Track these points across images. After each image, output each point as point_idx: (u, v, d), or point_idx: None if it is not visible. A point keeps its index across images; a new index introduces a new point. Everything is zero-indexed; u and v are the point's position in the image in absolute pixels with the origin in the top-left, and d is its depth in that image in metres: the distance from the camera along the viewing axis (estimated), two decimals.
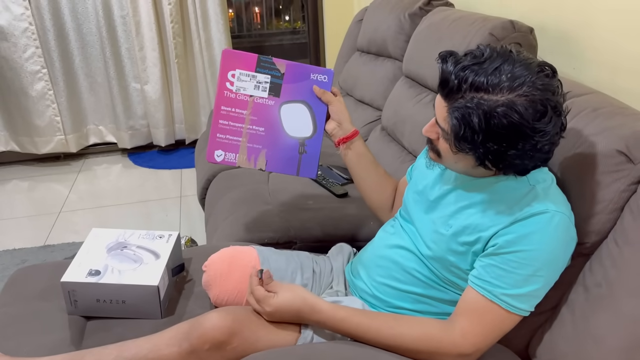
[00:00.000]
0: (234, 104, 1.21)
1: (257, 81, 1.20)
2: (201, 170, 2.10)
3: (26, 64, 2.92)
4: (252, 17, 3.62)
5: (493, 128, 0.85)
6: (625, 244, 0.90)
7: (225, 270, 1.17)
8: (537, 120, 0.84)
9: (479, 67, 0.87)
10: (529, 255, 0.90)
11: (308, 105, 1.22)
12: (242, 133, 1.22)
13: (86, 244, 1.26)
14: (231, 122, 1.21)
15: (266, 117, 1.22)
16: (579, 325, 0.94)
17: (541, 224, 0.89)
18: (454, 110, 0.89)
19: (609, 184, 0.95)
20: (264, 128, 1.22)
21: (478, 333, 0.93)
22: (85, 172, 3.15)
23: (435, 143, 0.99)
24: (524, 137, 0.85)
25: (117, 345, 1.00)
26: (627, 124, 0.97)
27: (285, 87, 1.21)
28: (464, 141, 0.89)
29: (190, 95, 3.26)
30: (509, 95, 0.84)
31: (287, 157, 1.24)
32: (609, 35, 1.29)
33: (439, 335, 0.94)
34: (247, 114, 1.21)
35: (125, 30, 3.03)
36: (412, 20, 2.02)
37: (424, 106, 1.76)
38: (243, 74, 1.20)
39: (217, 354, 0.96)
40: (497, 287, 0.91)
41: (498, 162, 0.90)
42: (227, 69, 1.20)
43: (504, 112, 0.84)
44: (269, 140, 1.23)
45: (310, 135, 1.24)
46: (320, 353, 0.93)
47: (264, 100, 1.21)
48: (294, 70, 1.21)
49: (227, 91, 1.21)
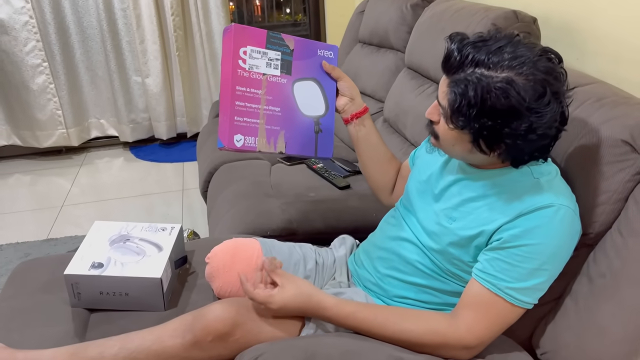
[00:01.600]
0: (249, 84, 1.12)
1: (268, 58, 1.13)
2: (203, 163, 2.10)
3: (27, 57, 2.91)
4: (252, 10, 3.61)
5: (488, 103, 0.85)
6: (630, 234, 0.90)
7: (228, 262, 1.17)
8: (534, 101, 0.84)
9: (483, 44, 0.88)
10: (534, 249, 0.89)
11: (318, 83, 1.19)
12: (259, 115, 1.14)
13: (89, 237, 1.26)
14: (247, 104, 1.13)
15: (281, 96, 1.16)
16: (583, 316, 0.94)
17: (546, 218, 0.89)
18: (453, 84, 0.89)
19: (613, 174, 0.95)
20: (280, 108, 1.16)
21: (483, 326, 0.93)
22: (87, 165, 3.15)
23: (435, 125, 0.99)
24: (518, 115, 0.85)
25: (120, 337, 1.00)
26: (631, 113, 0.96)
27: (295, 64, 1.16)
28: (459, 114, 0.88)
29: (191, 88, 3.25)
30: (508, 73, 0.85)
31: (305, 138, 1.19)
32: (612, 25, 1.28)
33: (444, 329, 0.94)
34: (262, 94, 1.13)
35: (125, 23, 3.02)
36: (414, 11, 2.01)
37: (426, 97, 1.76)
38: (254, 50, 1.12)
39: (220, 345, 0.97)
40: (502, 281, 0.91)
41: (492, 143, 0.89)
42: (238, 45, 1.10)
43: (501, 88, 0.84)
44: (286, 120, 1.17)
45: (323, 114, 1.20)
46: (324, 345, 0.93)
47: (277, 78, 1.15)
48: (302, 46, 1.17)
49: (240, 69, 1.11)
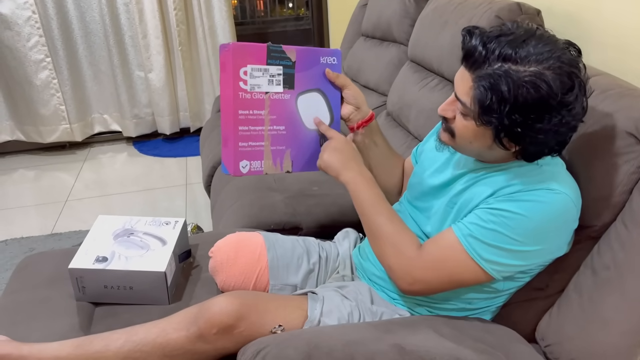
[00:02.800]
0: (251, 105, 1.06)
1: (269, 75, 1.07)
2: (206, 158, 2.10)
3: (30, 52, 2.92)
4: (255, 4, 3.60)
5: (521, 98, 0.83)
6: (635, 226, 0.90)
7: (232, 255, 1.17)
8: (565, 94, 0.83)
9: (506, 38, 0.86)
10: (513, 217, 0.89)
11: (322, 93, 1.14)
12: (264, 136, 1.09)
13: (93, 231, 1.26)
14: (251, 127, 1.07)
15: (285, 113, 1.11)
16: (587, 308, 0.94)
17: (539, 197, 0.89)
18: (480, 79, 0.86)
19: (618, 166, 0.94)
20: (284, 126, 1.11)
21: (432, 262, 0.95)
22: (91, 160, 3.16)
23: (450, 122, 0.97)
24: (551, 110, 0.83)
25: (125, 330, 1.01)
26: (636, 105, 0.96)
27: (298, 77, 1.10)
28: (490, 111, 0.86)
29: (194, 83, 3.25)
30: (536, 67, 0.83)
31: (311, 153, 1.16)
32: (617, 16, 1.27)
33: (405, 248, 0.98)
34: (266, 114, 1.08)
35: (128, 18, 3.02)
36: (417, 4, 2.00)
37: (430, 91, 1.75)
38: (255, 69, 1.05)
39: (224, 337, 0.97)
40: (468, 230, 0.93)
41: (519, 139, 0.87)
42: (238, 65, 1.04)
43: (532, 83, 0.82)
44: (290, 138, 1.12)
45: (328, 124, 1.16)
46: (327, 336, 0.93)
47: (279, 95, 1.09)
48: (304, 56, 1.11)
49: (242, 92, 1.05)
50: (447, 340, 0.93)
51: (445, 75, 1.69)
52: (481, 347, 0.94)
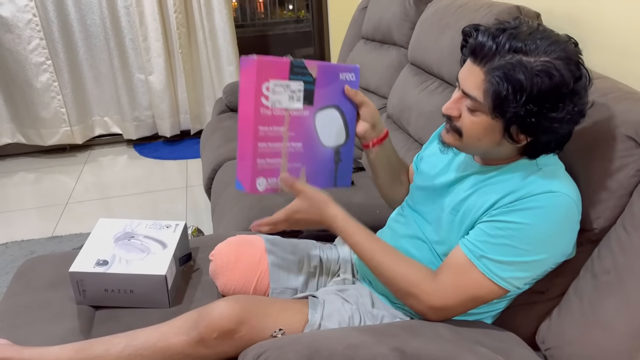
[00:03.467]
0: (271, 122, 1.03)
1: (291, 90, 1.03)
2: (207, 160, 2.10)
3: (30, 55, 2.92)
4: (255, 7, 3.60)
5: (536, 87, 0.84)
6: (635, 229, 0.90)
7: (232, 259, 1.17)
8: (575, 82, 0.85)
9: (513, 31, 0.87)
10: (520, 228, 0.89)
11: (339, 110, 1.10)
12: (281, 153, 1.06)
13: (93, 234, 1.26)
14: (270, 143, 1.04)
15: (303, 130, 1.07)
16: (587, 312, 0.94)
17: (542, 202, 0.89)
18: (494, 70, 0.86)
19: (617, 170, 0.94)
20: (302, 143, 1.08)
21: (451, 290, 0.95)
22: (91, 163, 3.16)
23: (455, 121, 0.96)
24: (564, 98, 0.85)
25: (125, 334, 1.01)
26: (635, 108, 0.96)
27: (318, 93, 1.06)
28: (506, 102, 0.86)
29: (194, 86, 3.26)
30: (546, 57, 0.84)
31: (325, 170, 1.13)
32: (616, 19, 1.27)
33: (418, 281, 0.97)
34: (285, 131, 1.05)
35: (129, 20, 3.02)
36: (417, 7, 2.00)
37: (430, 93, 1.75)
38: (277, 84, 1.01)
39: (225, 342, 0.97)
40: (480, 250, 0.92)
41: (532, 129, 0.88)
42: (261, 80, 1.00)
43: (545, 72, 0.83)
44: (307, 155, 1.09)
45: (344, 142, 1.13)
46: (327, 339, 0.93)
47: (299, 112, 1.05)
48: (324, 72, 1.06)
49: (263, 107, 1.01)
50: (448, 344, 0.93)
51: (445, 78, 1.70)
52: (482, 350, 0.94)
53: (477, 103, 0.90)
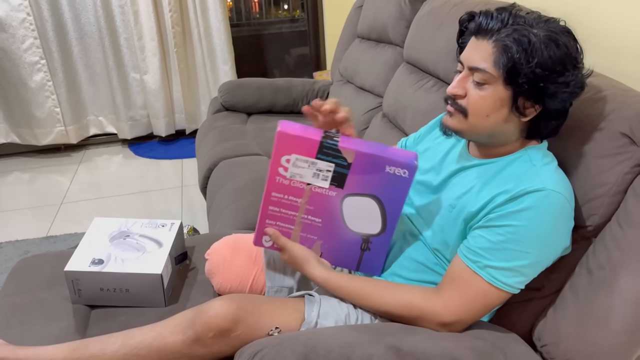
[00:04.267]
0: (287, 191, 1.00)
1: (317, 169, 0.97)
2: (202, 160, 2.10)
3: (25, 55, 2.91)
4: (250, 6, 3.60)
5: (545, 53, 0.87)
6: (629, 226, 0.90)
7: (228, 258, 1.17)
8: (576, 51, 0.91)
9: (513, 10, 0.94)
10: (519, 231, 0.90)
11: (378, 200, 1.00)
12: (295, 221, 1.04)
13: (89, 233, 1.26)
14: (283, 210, 1.03)
15: (325, 208, 1.02)
16: (583, 308, 0.94)
17: (535, 201, 0.89)
18: (505, 37, 0.90)
19: (612, 167, 0.95)
20: (321, 219, 1.03)
21: (460, 304, 0.95)
22: (86, 163, 3.15)
23: (461, 100, 0.96)
24: (568, 65, 0.89)
25: (121, 334, 1.01)
26: (630, 105, 0.97)
27: (351, 178, 0.98)
28: (518, 65, 0.88)
29: (190, 85, 3.25)
30: (547, 29, 0.90)
31: (346, 252, 1.07)
32: (611, 19, 1.28)
33: (420, 303, 0.97)
34: (303, 203, 1.01)
35: (123, 19, 3.01)
36: (412, 6, 2.00)
37: (425, 92, 1.75)
38: (301, 159, 0.97)
39: (221, 341, 0.97)
40: (483, 259, 0.92)
41: (541, 95, 0.90)
42: (280, 153, 0.96)
43: (553, 39, 0.88)
44: (326, 232, 1.05)
45: (377, 233, 1.05)
46: (323, 338, 0.93)
47: (323, 190, 1.00)
48: (364, 161, 0.97)
49: (280, 177, 0.99)
50: (445, 341, 0.94)
51: (441, 77, 1.70)
52: (479, 347, 0.94)
53: (487, 74, 0.91)
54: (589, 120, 1.01)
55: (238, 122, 2.40)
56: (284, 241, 1.06)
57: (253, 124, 2.39)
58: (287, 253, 1.07)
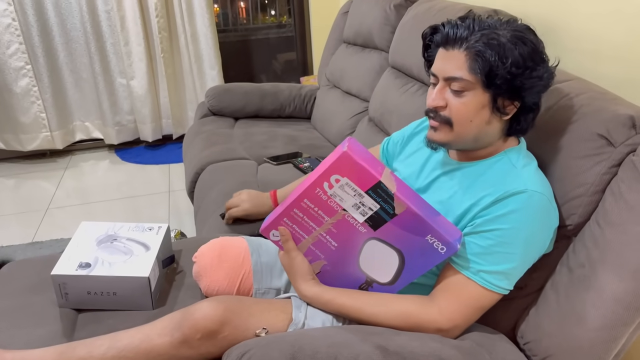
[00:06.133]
0: (320, 205, 0.97)
1: (361, 202, 0.94)
2: (189, 164, 2.10)
3: (10, 60, 2.89)
4: (237, 12, 3.61)
5: (516, 51, 0.91)
6: (607, 225, 0.93)
7: (216, 260, 1.17)
8: (541, 45, 0.95)
9: (475, 17, 0.97)
10: (507, 234, 0.92)
11: (401, 257, 0.98)
12: (311, 233, 1.02)
13: (76, 237, 1.26)
14: (306, 219, 1.00)
15: (347, 237, 0.99)
16: (563, 305, 0.96)
17: (519, 203, 0.92)
18: (475, 43, 0.92)
19: (590, 167, 0.97)
20: (337, 245, 1.01)
21: (455, 309, 0.96)
22: (72, 168, 3.13)
23: (443, 111, 0.98)
24: (538, 60, 0.93)
25: (108, 336, 1.01)
26: (607, 107, 0.99)
27: (388, 227, 0.95)
28: (494, 68, 0.90)
29: (176, 90, 3.25)
30: (511, 29, 0.93)
31: (343, 283, 1.06)
32: (590, 23, 1.31)
33: (416, 312, 0.98)
34: (328, 222, 0.99)
35: (110, 25, 3.01)
36: (397, 11, 2.03)
37: (411, 96, 1.78)
38: (350, 186, 0.93)
39: (208, 342, 0.97)
40: (475, 264, 0.94)
41: (519, 92, 0.93)
42: (334, 171, 0.92)
43: (519, 38, 0.92)
44: (335, 257, 1.03)
45: (383, 283, 1.03)
46: (310, 338, 0.94)
47: (355, 222, 0.97)
48: (410, 219, 0.93)
49: (321, 191, 0.95)
50: (432, 341, 0.95)
51: (426, 81, 1.72)
52: (465, 346, 0.96)
53: (464, 82, 0.94)
54: (568, 123, 1.03)
55: (225, 126, 2.41)
56: (292, 246, 1.04)
57: (240, 128, 2.40)
58: (288, 258, 1.05)
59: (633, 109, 0.96)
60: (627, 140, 0.94)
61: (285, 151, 2.10)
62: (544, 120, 1.07)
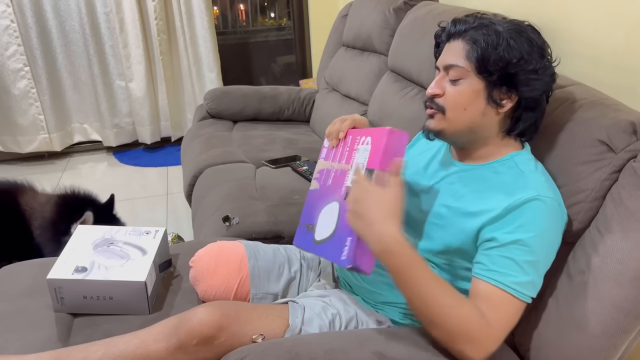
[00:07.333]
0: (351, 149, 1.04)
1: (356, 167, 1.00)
2: (187, 167, 2.09)
3: (8, 62, 2.88)
4: (237, 14, 3.61)
5: (512, 42, 0.93)
6: (607, 231, 0.92)
7: (212, 265, 1.17)
8: (542, 42, 0.97)
9: (478, 13, 1.01)
10: (530, 242, 0.89)
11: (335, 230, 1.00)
12: (335, 160, 1.08)
13: (72, 241, 1.25)
14: (347, 148, 1.06)
15: (335, 186, 1.05)
16: (563, 312, 0.96)
17: (534, 211, 0.90)
18: (474, 31, 0.96)
19: (590, 173, 0.97)
20: (330, 185, 1.06)
21: (500, 325, 0.88)
22: (70, 171, 3.12)
23: (439, 99, 0.99)
24: (534, 54, 0.94)
25: (104, 342, 1.00)
26: (608, 114, 0.99)
27: None
28: (487, 54, 0.93)
29: (175, 93, 3.24)
30: (512, 23, 0.96)
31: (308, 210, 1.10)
32: (589, 29, 1.30)
33: (479, 326, 0.87)
34: (343, 164, 1.05)
35: (108, 27, 3.00)
36: (396, 15, 2.03)
37: (410, 100, 1.77)
38: (366, 153, 1.00)
39: (205, 348, 0.96)
40: (509, 276, 0.89)
41: (514, 84, 0.94)
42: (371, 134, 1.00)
43: (516, 30, 0.95)
44: (322, 190, 1.08)
45: (315, 239, 1.04)
46: (307, 344, 0.93)
47: (345, 180, 1.02)
48: None
49: (359, 138, 1.03)
50: (431, 346, 0.94)
51: (425, 85, 1.72)
52: None
53: (460, 69, 0.96)
54: (569, 128, 1.03)
55: (224, 129, 2.40)
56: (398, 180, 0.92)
57: (239, 131, 2.39)
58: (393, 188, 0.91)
59: (634, 115, 0.96)
60: (628, 147, 0.93)
61: (283, 154, 2.09)
62: (545, 126, 1.06)
